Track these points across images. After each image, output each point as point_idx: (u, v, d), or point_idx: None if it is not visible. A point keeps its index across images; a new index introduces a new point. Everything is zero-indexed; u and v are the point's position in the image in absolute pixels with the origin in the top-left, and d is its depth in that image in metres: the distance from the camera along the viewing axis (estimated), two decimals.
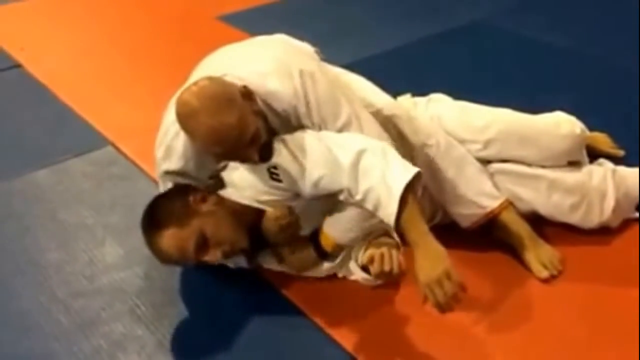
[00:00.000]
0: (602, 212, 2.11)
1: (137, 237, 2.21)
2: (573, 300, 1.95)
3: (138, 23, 4.10)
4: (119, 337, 1.92)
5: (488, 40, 3.60)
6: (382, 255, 1.85)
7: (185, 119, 1.79)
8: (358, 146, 1.79)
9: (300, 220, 1.94)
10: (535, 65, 3.29)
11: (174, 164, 1.96)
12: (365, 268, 1.97)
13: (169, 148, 1.95)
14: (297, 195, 1.88)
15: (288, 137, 1.88)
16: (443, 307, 1.66)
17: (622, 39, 3.45)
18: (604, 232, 2.13)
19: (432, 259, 1.68)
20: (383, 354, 1.83)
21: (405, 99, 2.29)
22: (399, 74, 2.37)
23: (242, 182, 1.91)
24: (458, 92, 2.35)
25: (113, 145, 2.80)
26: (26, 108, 3.18)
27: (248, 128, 1.78)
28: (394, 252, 1.87)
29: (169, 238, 1.85)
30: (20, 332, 1.96)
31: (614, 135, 2.49)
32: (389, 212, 1.71)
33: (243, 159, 1.87)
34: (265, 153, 1.84)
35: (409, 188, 1.71)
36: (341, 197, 1.83)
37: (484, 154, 2.16)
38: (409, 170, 1.74)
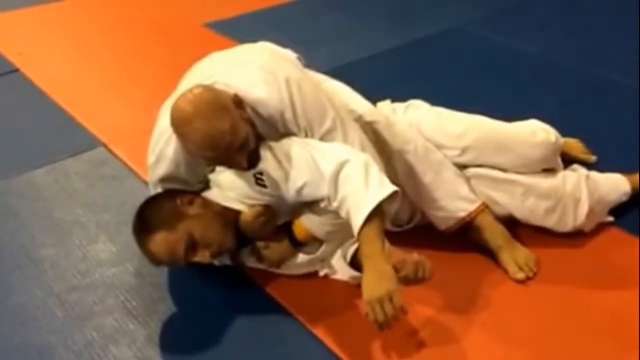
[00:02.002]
0: (576, 217, 2.14)
1: (128, 234, 2.24)
2: (547, 301, 1.98)
3: (129, 30, 4.14)
4: (111, 330, 1.97)
5: (465, 47, 3.65)
6: (415, 263, 1.86)
7: (180, 124, 1.83)
8: (341, 157, 1.84)
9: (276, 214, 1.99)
10: (511, 71, 3.34)
11: (165, 168, 1.99)
12: (353, 264, 2.00)
13: (161, 154, 1.98)
14: (279, 199, 1.93)
15: (274, 144, 1.92)
16: (381, 326, 1.68)
17: (597, 47, 3.51)
18: (578, 235, 2.17)
19: (379, 277, 1.70)
20: (366, 352, 1.85)
21: (385, 105, 2.31)
22: (379, 79, 2.42)
23: (227, 184, 1.96)
24: (436, 98, 2.39)
25: (105, 146, 2.85)
26: (23, 111, 3.23)
27: (239, 134, 1.82)
28: (427, 263, 1.87)
29: (159, 242, 1.89)
30: (17, 325, 2.00)
31: (586, 141, 2.52)
32: (355, 223, 1.76)
33: (232, 165, 1.90)
34: (252, 159, 1.89)
35: (380, 205, 1.75)
36: (322, 205, 1.88)
37: (461, 160, 2.18)
38: (385, 188, 1.79)
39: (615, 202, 2.23)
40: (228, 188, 1.97)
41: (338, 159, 1.84)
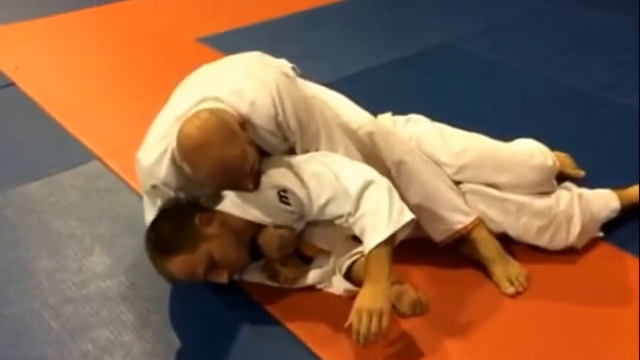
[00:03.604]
0: (569, 235, 2.16)
1: (123, 246, 2.31)
2: (537, 315, 2.00)
3: (124, 44, 4.16)
4: (106, 342, 1.97)
5: (456, 62, 3.70)
6: (413, 301, 1.85)
7: (190, 152, 1.81)
8: (366, 176, 1.87)
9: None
10: (501, 86, 3.38)
11: (160, 179, 1.97)
12: (348, 277, 1.99)
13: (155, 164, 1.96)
14: (301, 217, 1.94)
15: (295, 161, 1.95)
16: (359, 339, 1.71)
17: (585, 63, 3.57)
18: (569, 251, 2.19)
19: (377, 294, 1.75)
20: None
21: (385, 118, 2.33)
22: (369, 95, 2.44)
23: (248, 202, 1.93)
24: (427, 112, 2.40)
25: (100, 159, 2.87)
26: (19, 124, 3.24)
27: (249, 159, 1.84)
28: (424, 299, 1.87)
29: (179, 264, 1.89)
30: (13, 337, 2.00)
31: (575, 155, 2.55)
32: (369, 243, 1.80)
33: (238, 188, 1.91)
34: (257, 180, 1.90)
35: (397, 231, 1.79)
36: (338, 222, 1.90)
37: (458, 177, 2.20)
38: (405, 216, 1.82)
39: (606, 219, 2.26)
40: (249, 205, 1.94)
41: (364, 177, 1.86)
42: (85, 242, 2.40)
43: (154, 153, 1.95)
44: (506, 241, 2.19)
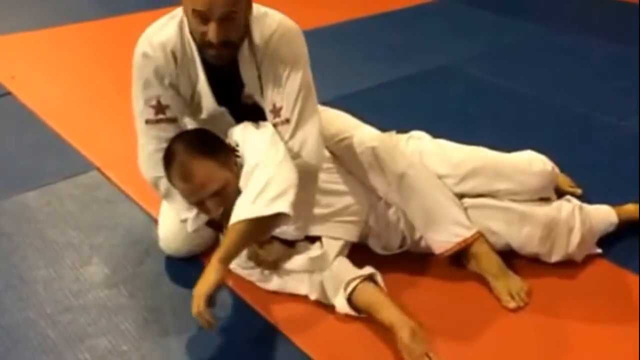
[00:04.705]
0: (569, 245, 2.19)
1: (122, 256, 2.29)
2: (538, 330, 2.01)
3: (123, 54, 4.10)
4: (104, 351, 1.96)
5: (454, 84, 3.75)
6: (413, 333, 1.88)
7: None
8: (260, 156, 1.92)
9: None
10: (500, 107, 3.43)
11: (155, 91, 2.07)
12: (350, 301, 1.99)
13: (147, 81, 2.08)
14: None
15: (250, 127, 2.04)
16: None
17: (584, 88, 3.63)
18: (569, 266, 2.22)
19: (203, 277, 1.84)
20: None
21: (388, 135, 2.35)
22: (369, 113, 2.48)
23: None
24: (426, 132, 2.43)
25: (98, 170, 2.86)
26: (16, 134, 3.23)
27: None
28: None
29: (203, 167, 1.94)
30: (10, 346, 1.98)
31: (572, 174, 2.61)
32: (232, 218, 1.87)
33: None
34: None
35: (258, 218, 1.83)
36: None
37: (459, 188, 2.24)
38: (271, 207, 1.83)
39: (604, 231, 2.29)
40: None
41: (260, 156, 1.93)
42: (83, 251, 2.39)
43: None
44: (507, 256, 2.21)
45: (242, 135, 2.03)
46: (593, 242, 2.27)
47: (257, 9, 2.00)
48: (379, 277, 2.05)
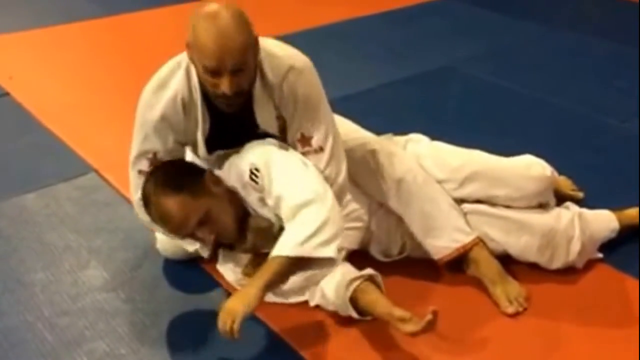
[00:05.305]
0: (569, 253, 2.18)
1: (121, 260, 2.28)
2: (537, 335, 2.00)
3: (122, 55, 4.15)
4: (102, 355, 1.95)
5: (455, 85, 3.74)
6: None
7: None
8: (316, 192, 1.88)
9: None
10: (500, 108, 3.42)
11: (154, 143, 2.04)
12: (351, 300, 1.97)
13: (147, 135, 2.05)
14: (262, 200, 1.98)
15: (276, 149, 1.99)
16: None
17: (586, 89, 3.61)
18: (569, 271, 2.21)
19: (241, 297, 1.82)
20: None
21: (386, 138, 2.35)
22: (369, 114, 2.47)
23: (229, 170, 2.04)
24: (426, 134, 2.43)
25: (97, 172, 2.85)
26: (14, 135, 3.21)
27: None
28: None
29: (178, 203, 1.93)
30: (7, 349, 1.98)
31: (573, 177, 2.58)
32: (274, 250, 1.85)
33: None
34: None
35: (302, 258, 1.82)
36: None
37: (458, 193, 2.23)
38: (320, 251, 1.82)
39: (605, 238, 2.28)
40: (230, 174, 2.04)
41: (314, 192, 1.89)
42: (82, 255, 2.38)
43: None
44: (506, 261, 2.20)
45: (265, 158, 1.97)
46: (594, 248, 2.26)
47: (262, 44, 1.97)
48: (379, 279, 2.03)
